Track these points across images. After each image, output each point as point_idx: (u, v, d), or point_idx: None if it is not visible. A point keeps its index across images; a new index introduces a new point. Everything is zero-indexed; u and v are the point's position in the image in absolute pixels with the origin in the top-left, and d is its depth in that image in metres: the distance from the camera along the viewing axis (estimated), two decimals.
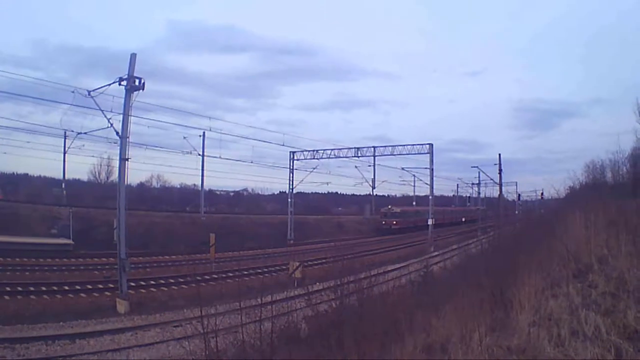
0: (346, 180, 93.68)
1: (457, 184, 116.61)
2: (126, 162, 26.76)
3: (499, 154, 70.04)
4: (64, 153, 58.17)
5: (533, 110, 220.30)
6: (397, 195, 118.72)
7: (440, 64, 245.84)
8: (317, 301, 17.94)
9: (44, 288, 27.24)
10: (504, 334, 9.59)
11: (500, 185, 70.77)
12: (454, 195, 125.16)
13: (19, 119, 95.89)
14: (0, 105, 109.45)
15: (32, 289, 26.94)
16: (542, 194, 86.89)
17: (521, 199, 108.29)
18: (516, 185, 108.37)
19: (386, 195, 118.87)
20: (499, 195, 73.00)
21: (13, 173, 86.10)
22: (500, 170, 69.20)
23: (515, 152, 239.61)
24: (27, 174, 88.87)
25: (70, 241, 42.37)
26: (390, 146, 62.15)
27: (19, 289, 26.64)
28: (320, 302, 17.94)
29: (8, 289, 26.31)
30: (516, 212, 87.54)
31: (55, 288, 27.51)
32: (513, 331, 9.56)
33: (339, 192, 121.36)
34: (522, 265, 13.57)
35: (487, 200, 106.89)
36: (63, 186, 58.95)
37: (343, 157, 62.84)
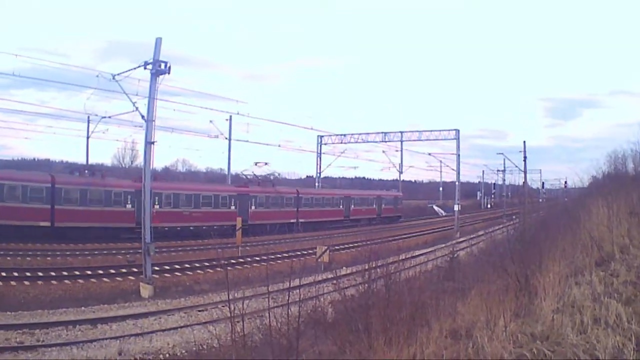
0: (373, 165, 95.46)
1: (483, 171, 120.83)
2: (152, 145, 28.12)
3: (524, 142, 73.83)
4: (87, 137, 59.78)
5: (556, 100, 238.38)
6: (424, 181, 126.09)
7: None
8: (344, 285, 18.57)
9: (65, 273, 28.58)
10: (528, 320, 10.30)
11: (525, 172, 74.36)
12: (479, 182, 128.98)
13: (42, 104, 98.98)
14: (21, 91, 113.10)
15: (53, 273, 28.24)
16: (565, 182, 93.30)
17: (545, 187, 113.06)
18: (540, 173, 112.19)
19: (413, 180, 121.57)
20: (524, 182, 76.82)
21: (34, 159, 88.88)
22: (525, 157, 72.90)
23: (539, 141, 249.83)
24: (49, 159, 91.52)
25: None
26: (417, 131, 67.61)
27: (40, 274, 27.92)
28: (347, 287, 18.69)
29: (28, 274, 27.66)
30: (540, 200, 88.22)
31: (77, 273, 28.89)
32: (537, 317, 10.28)
33: (366, 177, 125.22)
34: (546, 253, 14.35)
35: (512, 187, 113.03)
36: (86, 172, 60.67)
37: (371, 141, 69.62)
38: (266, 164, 62.18)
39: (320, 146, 72.90)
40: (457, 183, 67.42)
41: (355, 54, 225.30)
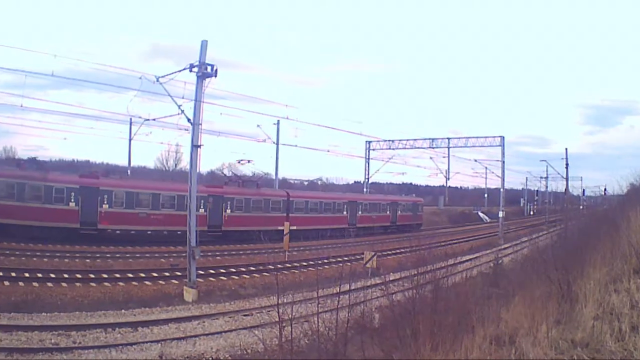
0: (420, 171, 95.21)
1: (526, 178, 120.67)
2: (198, 149, 28.14)
3: (566, 149, 74.83)
4: (130, 139, 59.80)
5: (595, 107, 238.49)
6: (470, 187, 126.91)
7: None
8: (390, 291, 18.54)
9: (105, 275, 28.81)
10: (569, 327, 10.52)
11: (567, 179, 75.02)
12: (522, 189, 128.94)
13: (80, 105, 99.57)
14: (59, 92, 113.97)
15: (92, 276, 28.46)
16: (605, 189, 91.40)
17: (585, 194, 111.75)
18: (581, 180, 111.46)
19: (459, 187, 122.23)
20: (566, 190, 77.08)
21: (73, 160, 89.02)
22: (567, 165, 73.57)
23: (578, 148, 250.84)
24: (88, 161, 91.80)
25: None
26: (463, 138, 68.12)
27: (78, 276, 28.13)
28: (394, 292, 18.55)
29: (66, 275, 27.77)
30: (580, 207, 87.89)
31: (117, 275, 29.10)
32: (577, 324, 10.49)
33: (412, 183, 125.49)
34: (587, 259, 14.57)
35: (554, 194, 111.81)
36: (129, 173, 60.57)
37: (418, 147, 69.31)
38: (249, 161, 57.06)
39: (369, 152, 73.20)
40: (501, 190, 68.93)
41: (403, 60, 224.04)
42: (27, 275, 26.76)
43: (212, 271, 32.48)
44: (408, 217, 73.79)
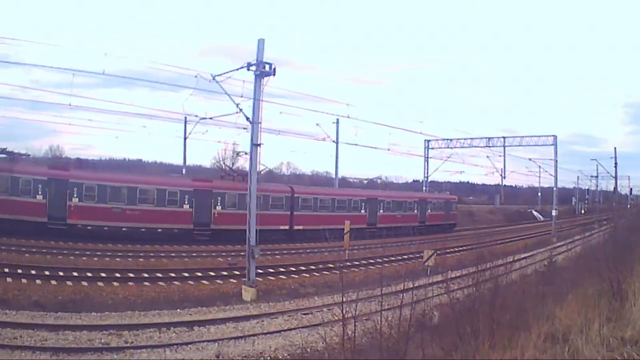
0: (476, 170, 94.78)
1: (577, 177, 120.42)
2: (258, 147, 28.17)
3: (614, 148, 74.61)
4: (185, 138, 59.41)
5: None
6: (524, 186, 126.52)
7: None
8: (449, 289, 18.39)
9: (159, 275, 28.80)
10: (619, 325, 10.79)
11: (616, 179, 75.19)
12: (574, 188, 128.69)
13: (132, 103, 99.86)
14: (110, 90, 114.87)
15: (145, 275, 28.47)
16: None
17: (632, 193, 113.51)
18: (628, 179, 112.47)
19: (514, 185, 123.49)
20: (614, 189, 78.28)
21: (124, 159, 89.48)
22: (616, 164, 73.36)
23: (625, 147, 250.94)
24: (141, 160, 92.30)
25: None
26: (518, 137, 68.66)
27: (131, 275, 28.14)
28: (453, 290, 18.43)
29: (117, 275, 27.82)
30: (628, 206, 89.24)
31: (173, 275, 29.08)
32: (627, 322, 10.82)
33: (469, 182, 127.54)
34: (637, 258, 15.48)
35: (603, 193, 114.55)
36: (184, 172, 60.28)
37: (475, 146, 69.37)
38: (246, 153, 50.82)
39: (428, 150, 72.89)
40: (554, 188, 69.20)
41: (459, 59, 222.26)
42: (75, 274, 26.90)
43: (271, 270, 32.48)
44: (439, 217, 69.31)
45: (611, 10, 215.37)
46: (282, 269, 33.03)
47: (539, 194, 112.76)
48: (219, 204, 45.20)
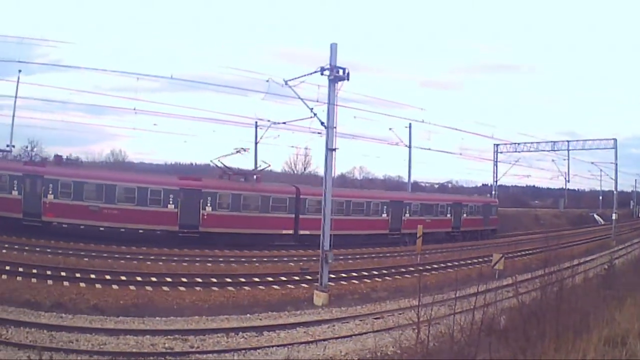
0: (542, 174, 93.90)
1: (635, 180, 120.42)
2: (333, 152, 27.83)
3: None
4: (256, 143, 59.05)
5: None
6: (586, 190, 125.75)
7: None
8: (516, 293, 18.35)
9: (229, 280, 28.34)
10: None
11: None
12: (631, 191, 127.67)
13: (202, 108, 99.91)
14: (175, 94, 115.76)
15: (214, 280, 27.99)
16: None
17: None
18: None
19: (576, 189, 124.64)
20: None
21: (191, 163, 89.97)
22: None
23: None
24: (209, 164, 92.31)
25: None
26: (581, 140, 69.49)
27: (198, 280, 27.78)
28: (521, 294, 18.32)
29: (184, 279, 27.51)
30: None
31: (242, 280, 28.63)
32: None
33: (534, 185, 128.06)
34: None
35: None
36: (255, 177, 59.87)
37: (541, 150, 70.32)
38: (245, 150, 47.04)
39: (497, 154, 73.27)
40: (614, 192, 69.38)
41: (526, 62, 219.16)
42: (139, 279, 26.44)
43: (343, 275, 32.03)
44: (476, 222, 63.35)
45: None
46: (354, 274, 32.53)
47: (600, 197, 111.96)
48: (209, 204, 41.48)
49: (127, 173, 49.95)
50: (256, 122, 54.34)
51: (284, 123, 39.16)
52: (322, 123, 27.89)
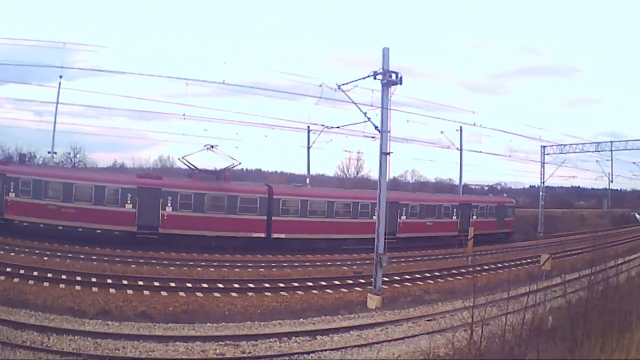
0: (586, 174, 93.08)
1: None
2: (387, 156, 27.78)
3: None
4: (308, 147, 58.83)
5: None
6: (628, 189, 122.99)
7: None
8: (564, 293, 18.20)
9: (282, 285, 28.20)
10: None
11: None
12: None
13: (253, 112, 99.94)
14: (223, 99, 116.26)
15: (267, 285, 27.84)
16: None
17: None
18: None
19: (619, 189, 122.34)
20: None
21: (242, 169, 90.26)
22: None
23: None
24: (260, 170, 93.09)
25: None
26: (623, 141, 66.96)
27: (251, 285, 27.59)
28: (567, 294, 18.05)
29: (236, 285, 27.29)
30: None
31: (295, 284, 28.49)
32: None
33: (579, 186, 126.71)
34: None
35: None
36: (307, 181, 59.93)
37: (586, 151, 68.42)
38: (213, 147, 42.74)
39: (544, 156, 71.15)
40: None
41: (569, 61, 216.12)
42: (189, 285, 26.29)
43: (396, 277, 31.75)
44: (489, 225, 56.32)
45: None
46: (407, 276, 32.33)
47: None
48: (169, 204, 38.87)
49: (87, 171, 49.78)
50: (308, 127, 53.97)
51: (338, 127, 38.94)
52: (376, 127, 27.90)
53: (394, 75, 27.01)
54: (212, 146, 42.13)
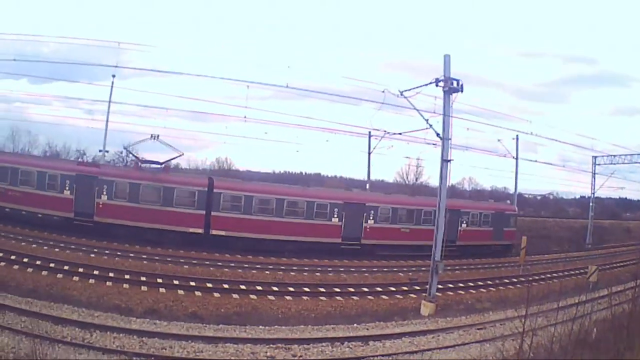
0: (634, 186, 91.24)
1: None
2: (448, 163, 27.80)
3: None
4: (369, 153, 58.79)
5: None
6: None
7: None
8: (609, 305, 17.96)
9: (337, 289, 28.05)
10: None
11: None
12: None
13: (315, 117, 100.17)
14: (287, 103, 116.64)
15: (322, 290, 27.76)
16: None
17: None
18: None
19: None
20: None
21: (301, 172, 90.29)
22: None
23: None
24: (320, 174, 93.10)
25: None
26: None
27: (306, 289, 27.50)
28: (611, 306, 17.82)
29: (291, 289, 27.23)
30: None
31: (351, 290, 28.38)
32: None
33: (626, 197, 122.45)
34: None
35: None
36: (367, 187, 59.84)
37: (634, 162, 67.64)
38: (154, 137, 40.62)
39: (595, 167, 71.00)
40: None
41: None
42: (243, 287, 26.29)
43: (450, 285, 31.70)
44: (482, 235, 48.08)
45: None
46: (461, 284, 32.27)
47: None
48: (104, 192, 37.87)
49: (32, 158, 48.23)
50: (369, 132, 53.83)
51: (400, 134, 38.69)
52: (437, 134, 27.82)
53: (455, 83, 26.99)
54: (156, 136, 40.75)
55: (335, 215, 41.47)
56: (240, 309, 22.76)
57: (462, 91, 27.22)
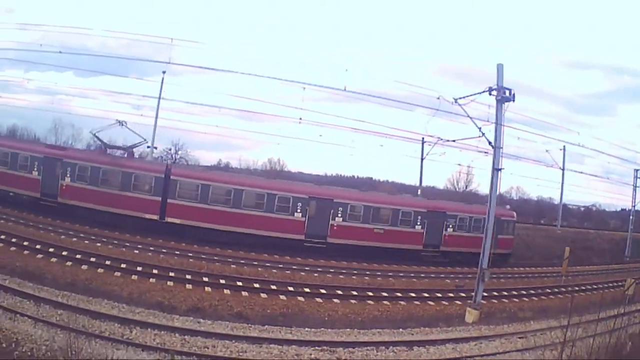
0: None
1: None
2: (499, 172, 27.94)
3: None
4: (422, 159, 58.78)
5: None
6: None
7: None
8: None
9: (384, 294, 28.36)
10: None
11: None
12: None
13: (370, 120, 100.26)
14: (340, 106, 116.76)
15: (370, 293, 28.04)
16: None
17: None
18: None
19: None
20: None
21: (353, 176, 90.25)
22: None
23: None
24: (371, 178, 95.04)
25: None
26: None
27: (354, 293, 27.72)
28: None
29: (339, 292, 27.44)
30: None
31: (398, 294, 28.64)
32: None
33: None
34: None
35: None
36: (419, 192, 59.79)
37: None
38: (120, 122, 41.95)
39: (636, 180, 69.82)
40: None
41: None
42: (290, 289, 26.56)
43: (495, 293, 31.81)
44: (471, 241, 41.44)
45: None
46: (505, 292, 32.33)
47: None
48: (68, 175, 38.49)
49: (6, 139, 49.51)
50: (423, 138, 53.73)
51: (454, 141, 38.49)
52: (489, 143, 27.83)
53: (507, 92, 27.09)
54: (122, 122, 41.86)
55: (299, 210, 39.77)
56: (286, 310, 22.99)
57: (514, 100, 27.27)
